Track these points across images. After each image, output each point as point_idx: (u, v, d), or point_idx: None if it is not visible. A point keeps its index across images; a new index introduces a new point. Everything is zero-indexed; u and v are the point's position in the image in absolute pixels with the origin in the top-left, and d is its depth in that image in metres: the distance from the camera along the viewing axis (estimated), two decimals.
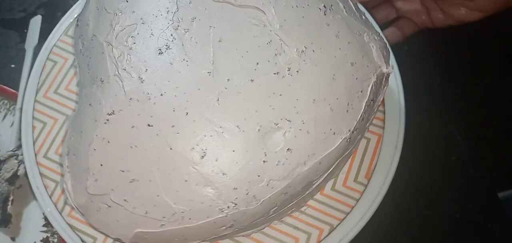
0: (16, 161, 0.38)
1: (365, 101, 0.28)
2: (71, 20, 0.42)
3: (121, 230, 0.28)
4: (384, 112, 0.35)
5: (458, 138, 0.41)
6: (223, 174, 0.26)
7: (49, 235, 0.38)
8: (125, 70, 0.29)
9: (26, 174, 0.37)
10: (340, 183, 0.33)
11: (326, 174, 0.29)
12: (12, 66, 0.46)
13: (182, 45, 0.29)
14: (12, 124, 0.41)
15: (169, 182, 0.27)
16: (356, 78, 0.28)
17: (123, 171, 0.28)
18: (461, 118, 0.42)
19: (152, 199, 0.27)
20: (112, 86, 0.29)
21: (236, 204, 0.26)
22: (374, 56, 0.29)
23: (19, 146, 0.39)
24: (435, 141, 0.41)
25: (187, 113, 0.27)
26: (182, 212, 0.27)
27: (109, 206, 0.28)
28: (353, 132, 0.28)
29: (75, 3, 0.43)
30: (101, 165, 0.28)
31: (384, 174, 0.33)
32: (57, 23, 0.42)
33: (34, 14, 0.48)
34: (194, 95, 0.27)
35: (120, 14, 0.32)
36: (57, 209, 0.35)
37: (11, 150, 0.39)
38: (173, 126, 0.27)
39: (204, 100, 0.27)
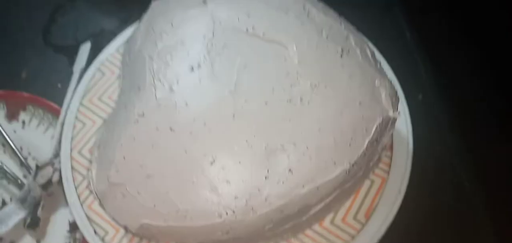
0: (51, 169, 0.41)
1: (369, 140, 0.30)
2: (122, 41, 0.48)
3: (130, 219, 0.31)
4: (391, 158, 0.36)
5: (467, 187, 0.40)
6: (227, 182, 0.29)
7: (71, 241, 0.40)
8: (159, 80, 0.33)
9: (59, 182, 0.40)
10: (339, 218, 0.34)
11: (324, 203, 0.30)
12: (59, 85, 0.49)
13: (212, 66, 0.33)
14: (53, 136, 0.44)
15: (178, 181, 0.29)
16: (362, 116, 0.30)
17: (141, 166, 0.31)
18: (472, 168, 0.42)
19: (162, 195, 0.30)
20: (147, 92, 0.33)
21: (234, 212, 0.28)
22: (382, 100, 0.31)
23: (56, 156, 0.42)
24: (444, 187, 0.41)
25: (205, 123, 0.30)
26: (185, 210, 0.29)
27: (124, 196, 0.31)
28: (353, 165, 0.29)
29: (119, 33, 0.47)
30: (124, 158, 0.32)
31: (383, 215, 0.33)
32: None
33: (83, 42, 0.52)
34: (214, 109, 0.31)
35: (164, 34, 0.36)
36: (79, 199, 0.38)
37: (48, 158, 0.42)
38: (191, 132, 0.30)
39: (222, 115, 0.30)
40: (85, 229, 0.37)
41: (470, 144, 0.44)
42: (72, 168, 0.41)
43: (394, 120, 0.31)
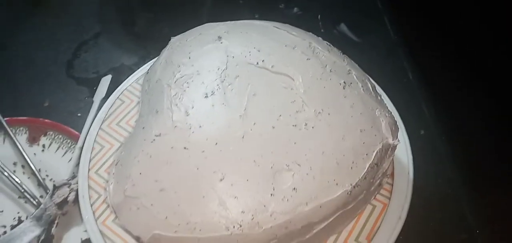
0: (68, 189, 0.43)
1: (369, 164, 0.32)
2: (142, 73, 0.51)
3: (143, 229, 0.32)
4: (392, 185, 0.37)
5: (469, 218, 0.41)
6: (235, 197, 0.31)
7: None
8: (176, 105, 0.36)
9: (74, 201, 0.42)
10: (342, 239, 0.35)
11: (326, 222, 0.31)
12: (79, 114, 0.53)
13: (224, 93, 0.36)
14: (70, 160, 0.47)
15: (190, 195, 0.32)
16: (363, 142, 0.32)
17: (156, 181, 0.33)
18: (473, 198, 0.43)
19: (173, 208, 0.32)
20: (164, 115, 0.36)
21: (241, 226, 0.30)
22: (383, 128, 0.33)
23: (73, 177, 0.45)
24: (444, 215, 0.42)
25: (216, 143, 0.33)
26: (195, 222, 0.31)
27: (138, 208, 0.33)
28: (354, 187, 0.31)
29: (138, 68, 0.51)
30: (140, 173, 0.34)
31: (384, 239, 0.34)
32: None
33: (104, 75, 0.55)
34: (225, 130, 0.33)
35: (182, 66, 0.40)
36: (93, 216, 0.40)
37: (65, 179, 0.45)
38: (203, 151, 0.33)
39: (232, 136, 0.33)
40: None
41: (472, 176, 0.45)
42: (89, 186, 0.43)
43: (394, 147, 0.33)
